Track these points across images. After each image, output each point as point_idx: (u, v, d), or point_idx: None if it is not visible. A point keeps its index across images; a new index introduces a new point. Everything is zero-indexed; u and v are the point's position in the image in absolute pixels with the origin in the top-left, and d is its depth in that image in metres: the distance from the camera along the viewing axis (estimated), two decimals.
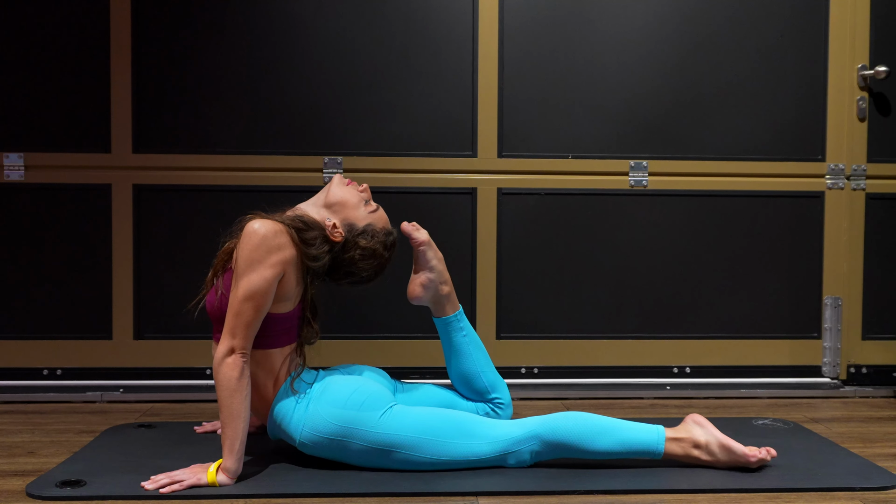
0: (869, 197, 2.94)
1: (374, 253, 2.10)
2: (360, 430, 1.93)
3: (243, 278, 1.90)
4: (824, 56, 2.91)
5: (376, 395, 1.98)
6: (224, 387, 1.86)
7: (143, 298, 2.81)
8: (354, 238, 2.09)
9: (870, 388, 2.92)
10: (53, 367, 2.79)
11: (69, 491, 1.81)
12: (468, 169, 2.87)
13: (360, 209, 2.11)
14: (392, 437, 1.94)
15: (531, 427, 1.98)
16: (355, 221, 2.09)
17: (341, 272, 2.12)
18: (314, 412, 1.95)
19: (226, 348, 1.88)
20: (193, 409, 2.64)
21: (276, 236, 1.93)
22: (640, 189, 2.90)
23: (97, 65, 2.78)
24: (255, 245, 1.90)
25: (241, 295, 1.90)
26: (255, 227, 1.92)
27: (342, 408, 1.94)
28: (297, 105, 2.83)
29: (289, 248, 1.95)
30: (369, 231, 2.10)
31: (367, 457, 1.95)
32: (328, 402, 1.95)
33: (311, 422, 1.95)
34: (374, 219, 2.13)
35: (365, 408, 1.95)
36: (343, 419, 1.93)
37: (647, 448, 1.97)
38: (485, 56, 2.85)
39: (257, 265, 1.90)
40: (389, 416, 1.95)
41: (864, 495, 1.86)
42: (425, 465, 1.96)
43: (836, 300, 2.93)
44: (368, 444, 1.94)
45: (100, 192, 2.80)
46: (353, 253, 2.08)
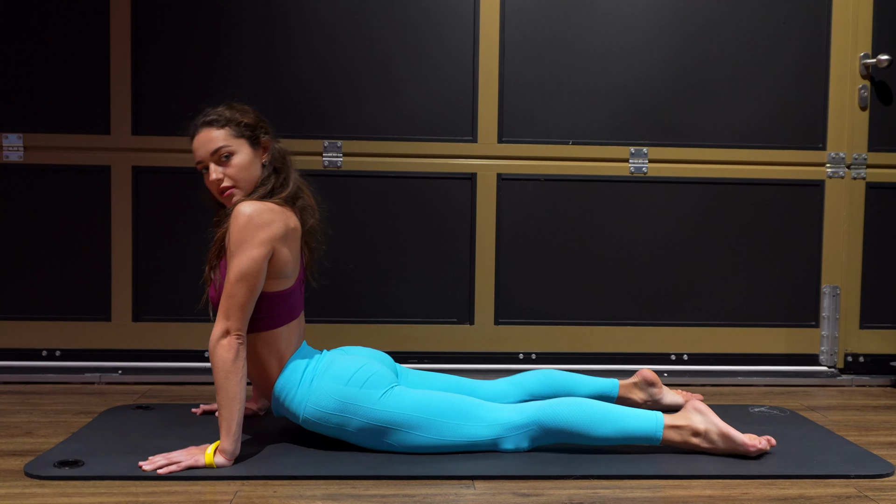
0: (869, 186, 2.93)
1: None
2: (360, 407, 1.95)
3: (234, 260, 1.91)
4: (826, 44, 2.90)
5: (378, 374, 2.00)
6: (220, 369, 1.87)
7: (142, 280, 2.81)
8: (265, 143, 2.07)
9: (866, 376, 2.92)
10: (52, 349, 2.80)
11: (67, 471, 1.82)
12: (468, 154, 2.86)
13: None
14: (391, 416, 1.95)
15: (530, 413, 1.98)
16: (245, 162, 2.02)
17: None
18: (317, 388, 1.96)
19: (221, 330, 1.89)
20: (191, 390, 2.65)
21: (262, 214, 1.93)
22: (640, 176, 2.90)
23: (97, 46, 2.77)
24: (242, 226, 1.91)
25: (234, 277, 1.90)
26: (240, 210, 1.93)
27: (344, 384, 1.96)
28: (297, 88, 2.82)
29: (277, 222, 1.95)
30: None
31: (366, 436, 1.96)
32: (331, 379, 1.97)
33: (313, 398, 1.96)
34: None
35: (367, 386, 1.96)
36: (345, 396, 1.95)
37: (645, 435, 1.98)
38: (486, 41, 2.84)
39: (246, 245, 1.91)
40: (390, 395, 1.97)
41: (860, 483, 1.87)
42: (422, 447, 1.96)
43: (834, 289, 2.93)
44: (368, 422, 1.95)
45: (99, 173, 2.79)
46: (272, 147, 2.09)
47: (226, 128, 2.01)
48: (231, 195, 2.02)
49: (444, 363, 2.86)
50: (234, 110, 2.05)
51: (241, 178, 2.01)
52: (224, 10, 2.79)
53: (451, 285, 2.88)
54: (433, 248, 2.86)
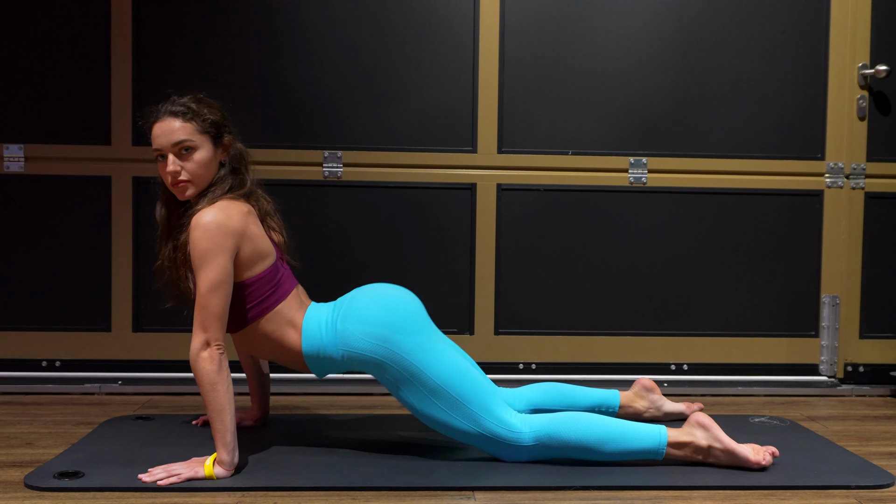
0: (868, 196, 2.94)
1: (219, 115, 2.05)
2: (392, 351, 1.96)
3: (202, 271, 1.89)
4: (825, 54, 2.91)
5: (412, 317, 2.00)
6: (205, 381, 1.86)
7: (143, 291, 2.82)
8: (228, 142, 2.05)
9: (867, 386, 2.92)
10: (52, 359, 2.80)
11: (67, 482, 1.82)
12: (468, 164, 2.87)
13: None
14: (419, 373, 1.96)
15: (536, 426, 1.98)
16: (205, 159, 2.00)
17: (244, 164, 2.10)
18: (344, 332, 1.98)
19: (200, 342, 1.88)
20: (192, 401, 2.64)
21: (220, 220, 1.90)
22: (640, 186, 2.90)
23: (98, 56, 2.78)
24: (205, 235, 1.89)
25: (205, 288, 1.89)
26: (200, 220, 1.90)
27: (374, 325, 1.97)
28: (297, 99, 2.83)
29: (233, 219, 1.92)
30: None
31: (393, 382, 1.98)
32: (358, 320, 1.98)
33: (343, 341, 1.98)
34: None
35: (400, 330, 1.97)
36: (375, 337, 1.96)
37: (648, 452, 1.97)
38: (485, 51, 2.85)
39: (211, 255, 1.88)
40: (424, 348, 1.97)
41: (860, 494, 1.86)
42: (433, 420, 1.97)
43: (833, 298, 2.94)
44: (398, 369, 1.96)
45: (100, 184, 2.80)
46: (234, 146, 2.06)
47: (192, 121, 1.97)
48: (185, 188, 1.98)
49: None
50: (201, 104, 2.01)
51: (199, 175, 1.98)
52: (225, 22, 2.80)
53: (451, 295, 2.88)
54: (433, 258, 2.87)
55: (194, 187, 1.99)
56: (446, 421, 1.97)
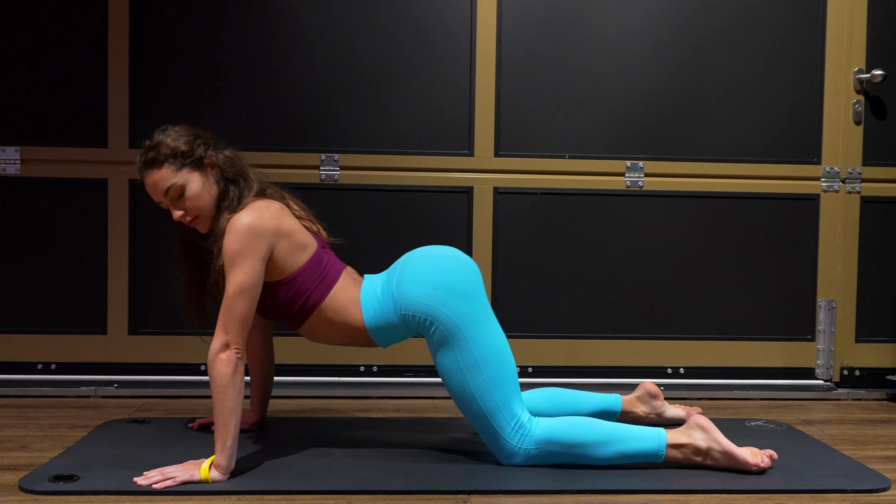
0: (864, 200, 2.95)
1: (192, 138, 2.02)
2: (446, 315, 1.97)
3: (232, 273, 1.90)
4: (821, 59, 2.92)
5: (470, 285, 2.01)
6: (218, 383, 1.86)
7: (138, 294, 2.81)
8: (210, 160, 2.02)
9: (863, 390, 2.93)
10: (48, 362, 2.79)
11: (62, 485, 1.81)
12: (465, 168, 2.87)
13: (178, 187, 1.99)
14: (467, 343, 1.96)
15: (538, 430, 1.98)
16: (198, 190, 1.99)
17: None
18: (400, 294, 1.99)
19: (220, 344, 1.88)
20: (187, 404, 2.64)
21: (255, 223, 1.91)
22: (637, 190, 2.91)
23: (94, 59, 2.78)
24: (238, 238, 1.90)
25: (233, 291, 1.89)
26: (235, 223, 1.92)
27: (431, 287, 1.98)
28: (295, 102, 2.83)
29: (267, 222, 1.94)
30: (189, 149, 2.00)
31: (440, 343, 1.98)
32: (412, 282, 2.00)
33: (399, 302, 1.99)
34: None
35: (456, 295, 1.98)
36: (430, 299, 1.97)
37: (648, 454, 1.97)
38: (482, 55, 2.85)
39: (242, 258, 1.90)
40: (477, 321, 1.98)
41: (856, 497, 1.86)
42: (461, 393, 1.97)
43: (829, 302, 2.94)
44: (446, 334, 1.96)
45: (96, 186, 2.79)
46: (219, 162, 2.03)
47: (165, 164, 1.95)
48: (199, 224, 2.02)
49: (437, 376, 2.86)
50: (167, 137, 1.97)
51: (201, 207, 1.99)
52: (222, 25, 2.80)
53: None
54: None
55: (205, 218, 2.01)
56: (468, 397, 1.97)
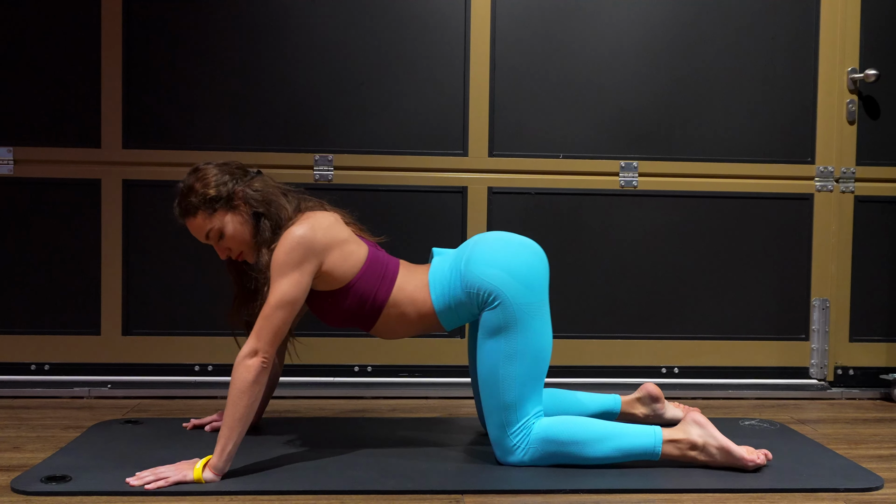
0: (857, 199, 2.95)
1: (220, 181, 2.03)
2: (509, 299, 1.97)
3: (277, 283, 1.91)
4: (815, 59, 2.92)
5: (538, 274, 2.01)
6: (236, 387, 1.86)
7: (132, 294, 2.81)
8: (241, 195, 2.03)
9: (856, 389, 2.93)
10: (41, 363, 2.78)
11: (54, 486, 1.81)
12: (459, 168, 2.87)
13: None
14: (519, 332, 1.97)
15: (537, 428, 1.98)
16: (235, 230, 2.02)
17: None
18: (467, 272, 2.00)
19: (249, 349, 1.88)
20: (181, 405, 2.63)
21: (306, 236, 1.93)
22: (631, 189, 2.91)
23: (88, 59, 2.77)
24: (288, 250, 1.92)
25: (275, 301, 1.90)
26: (289, 234, 1.94)
27: (498, 268, 1.99)
28: (289, 102, 2.83)
29: (320, 233, 1.95)
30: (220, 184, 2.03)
31: (492, 324, 1.98)
32: (481, 261, 2.00)
33: (465, 280, 2.00)
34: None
35: (523, 281, 1.98)
36: (496, 280, 1.97)
37: (644, 451, 1.97)
38: (476, 55, 2.85)
39: (289, 269, 1.91)
40: (537, 315, 1.99)
41: (849, 496, 1.87)
42: (491, 369, 1.97)
43: (823, 302, 2.94)
44: (503, 319, 1.96)
45: (89, 187, 2.79)
46: (247, 197, 2.03)
47: (199, 212, 1.99)
48: (244, 257, 2.06)
49: (436, 377, 2.86)
50: (197, 182, 1.99)
51: (241, 242, 2.02)
52: (215, 24, 2.80)
53: None
54: (424, 261, 2.85)
55: (250, 252, 2.03)
56: (494, 384, 1.97)
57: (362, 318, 2.06)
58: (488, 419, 2.00)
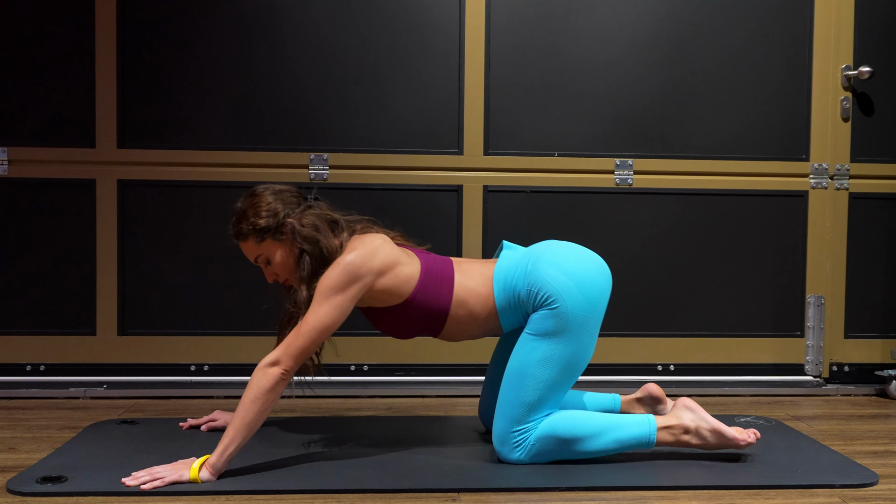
0: (852, 196, 2.96)
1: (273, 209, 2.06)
2: (567, 302, 1.97)
3: (319, 304, 1.92)
4: (809, 56, 2.93)
5: (601, 288, 2.02)
6: (251, 392, 1.87)
7: (128, 294, 2.80)
8: (290, 228, 2.05)
9: (851, 386, 2.94)
10: (37, 363, 2.78)
11: (50, 487, 1.81)
12: (454, 166, 2.87)
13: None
14: (568, 339, 1.98)
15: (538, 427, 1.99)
16: (281, 259, 2.06)
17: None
18: (534, 270, 2.01)
19: (273, 358, 1.89)
20: (178, 405, 2.63)
21: (357, 263, 1.95)
22: (626, 187, 2.91)
23: (82, 59, 2.77)
24: (335, 272, 1.94)
25: (312, 322, 1.92)
26: (341, 259, 1.96)
27: (564, 274, 1.99)
28: (284, 101, 2.82)
29: (371, 260, 1.97)
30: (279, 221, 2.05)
31: (540, 327, 1.98)
32: (549, 264, 2.00)
33: (530, 278, 2.00)
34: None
35: (585, 289, 1.99)
36: (561, 284, 1.98)
37: (640, 441, 2.00)
38: (471, 53, 2.85)
39: (334, 293, 1.93)
40: (589, 325, 2.00)
41: (844, 492, 1.87)
42: (522, 369, 1.98)
43: (818, 299, 2.95)
44: (558, 318, 1.97)
45: (84, 187, 2.78)
46: (297, 229, 2.04)
47: (249, 239, 2.04)
48: (292, 283, 2.08)
49: (431, 375, 2.86)
50: (250, 209, 2.03)
51: (288, 271, 2.06)
52: (210, 23, 2.79)
53: None
54: None
55: (295, 279, 2.06)
56: (519, 380, 1.97)
57: (430, 326, 2.08)
58: (500, 409, 2.00)
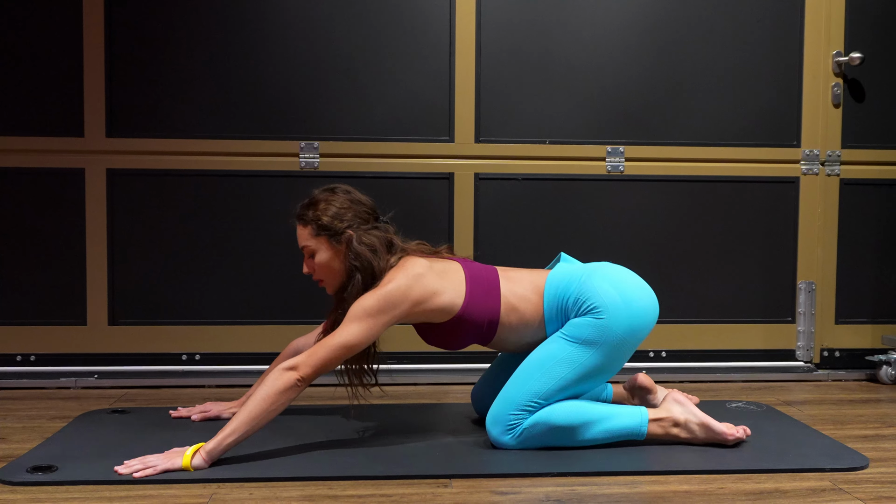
0: (843, 182, 2.96)
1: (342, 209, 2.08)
2: (611, 322, 1.98)
3: (353, 323, 1.92)
4: (800, 42, 2.93)
5: (650, 310, 2.04)
6: (263, 390, 1.87)
7: (118, 284, 2.79)
8: (348, 239, 2.06)
9: (842, 371, 2.95)
10: (27, 353, 2.77)
11: (40, 476, 1.80)
12: (445, 154, 2.86)
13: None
14: (597, 348, 1.99)
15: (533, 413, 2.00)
16: (324, 260, 2.07)
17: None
18: (587, 281, 2.02)
19: (294, 363, 1.89)
20: (168, 394, 2.63)
21: (399, 285, 1.96)
22: (617, 174, 2.91)
23: (70, 47, 2.74)
24: (378, 298, 1.94)
25: (342, 339, 1.91)
26: (386, 283, 1.96)
27: (616, 289, 2.01)
28: (273, 89, 2.81)
29: (412, 292, 1.96)
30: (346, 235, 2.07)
31: (581, 332, 1.99)
32: (603, 278, 2.02)
33: (583, 287, 2.02)
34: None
35: (634, 305, 2.00)
36: (612, 299, 1.99)
37: (630, 432, 2.02)
38: (462, 40, 2.84)
39: (368, 316, 1.93)
40: (625, 346, 2.01)
41: (835, 476, 1.88)
42: (542, 366, 2.00)
43: (809, 285, 2.96)
44: (597, 329, 1.98)
45: (73, 176, 2.77)
46: (354, 244, 2.05)
47: (308, 226, 2.05)
48: (324, 286, 2.10)
49: (424, 363, 2.86)
50: (319, 205, 2.05)
51: (324, 275, 2.07)
52: (199, 11, 2.77)
53: None
54: None
55: (329, 285, 2.07)
56: (535, 370, 1.99)
57: (482, 336, 2.08)
58: (505, 391, 2.01)
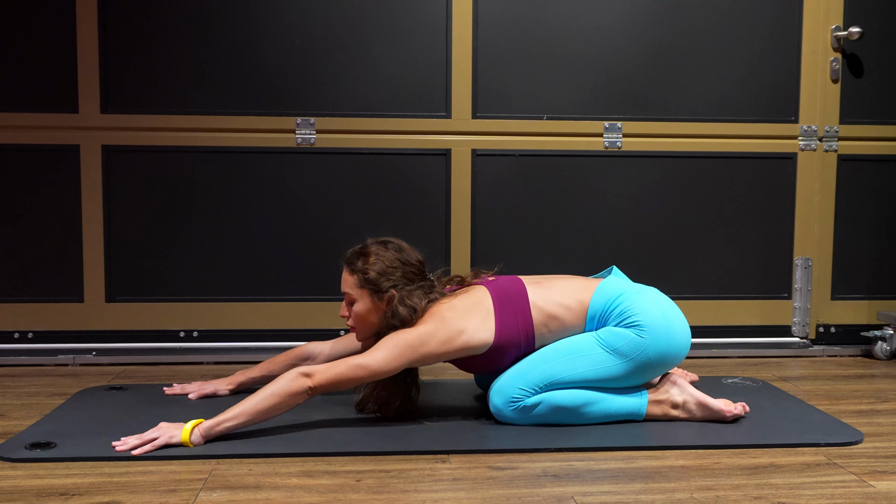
0: (841, 158, 2.96)
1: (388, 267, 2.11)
2: (648, 344, 2.01)
3: (385, 349, 1.95)
4: (798, 17, 2.91)
5: (682, 335, 2.06)
6: (274, 386, 1.88)
7: (115, 261, 2.78)
8: (389, 298, 2.07)
9: (837, 346, 2.96)
10: (24, 331, 2.77)
11: (39, 452, 1.80)
12: (442, 130, 2.85)
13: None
14: (624, 362, 2.02)
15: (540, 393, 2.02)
16: (362, 311, 2.09)
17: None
18: (636, 297, 2.05)
19: (311, 371, 1.90)
20: (166, 370, 2.63)
21: (418, 341, 1.98)
22: (615, 150, 2.90)
23: (63, 23, 2.72)
24: (416, 336, 1.97)
25: (368, 363, 1.93)
26: (415, 331, 1.98)
27: (660, 312, 2.04)
28: (269, 65, 2.79)
29: (431, 340, 1.98)
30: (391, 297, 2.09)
31: (616, 339, 2.02)
32: (649, 300, 2.05)
33: (631, 304, 2.04)
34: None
35: (670, 326, 2.03)
36: (656, 319, 2.02)
37: (630, 413, 2.05)
38: (458, 15, 2.81)
39: (400, 352, 1.95)
40: (650, 369, 2.04)
41: (829, 451, 1.89)
42: (568, 353, 2.03)
43: (806, 261, 2.96)
44: (631, 342, 2.01)
45: (68, 153, 2.75)
46: (395, 304, 2.06)
47: (355, 276, 2.07)
48: (356, 332, 2.12)
49: None
50: (369, 258, 2.07)
51: (359, 324, 2.09)
52: None
53: (427, 261, 2.86)
54: (408, 225, 2.85)
55: (360, 332, 2.11)
56: (558, 356, 2.01)
57: (524, 350, 2.07)
58: (520, 366, 2.03)
